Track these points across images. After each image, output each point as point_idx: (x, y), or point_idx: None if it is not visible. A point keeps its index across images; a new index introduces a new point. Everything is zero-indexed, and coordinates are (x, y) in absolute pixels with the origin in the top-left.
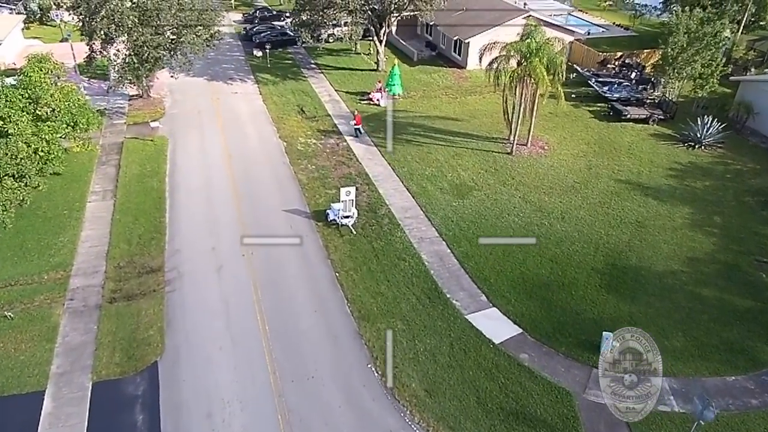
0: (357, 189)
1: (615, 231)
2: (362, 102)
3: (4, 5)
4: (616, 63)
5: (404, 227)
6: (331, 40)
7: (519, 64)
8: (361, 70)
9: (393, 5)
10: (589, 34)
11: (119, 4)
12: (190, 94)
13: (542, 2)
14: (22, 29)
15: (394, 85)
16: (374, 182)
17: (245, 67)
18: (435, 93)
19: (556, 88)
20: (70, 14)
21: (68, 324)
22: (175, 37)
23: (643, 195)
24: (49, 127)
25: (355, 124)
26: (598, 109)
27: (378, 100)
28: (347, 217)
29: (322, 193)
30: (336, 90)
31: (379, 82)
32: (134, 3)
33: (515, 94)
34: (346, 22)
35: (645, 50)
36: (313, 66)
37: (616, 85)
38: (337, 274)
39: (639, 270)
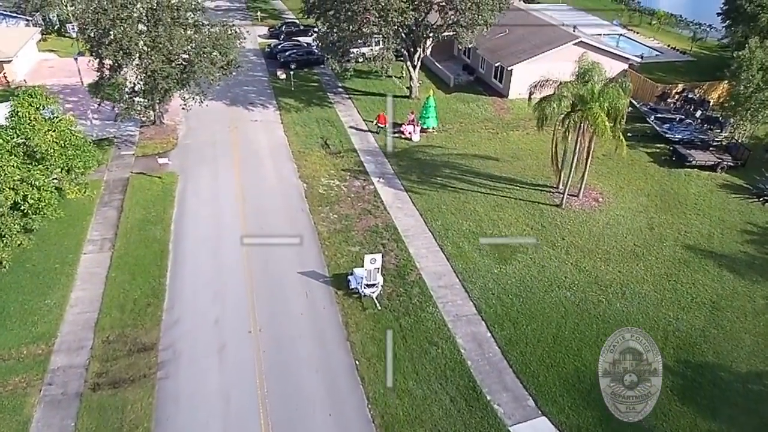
0: (384, 247)
1: (686, 314)
2: (393, 135)
3: (20, 16)
4: (678, 97)
5: (437, 300)
6: (360, 60)
7: (574, 106)
8: (393, 96)
9: (429, 29)
10: (642, 58)
11: (128, 29)
12: (207, 120)
13: (590, 19)
14: (39, 41)
15: (428, 117)
16: (403, 238)
17: (267, 90)
18: (473, 126)
19: (618, 136)
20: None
21: (42, 418)
22: (187, 65)
23: (716, 265)
24: (40, 171)
25: (379, 123)
26: (658, 151)
27: (410, 133)
28: (371, 286)
29: (344, 252)
30: (364, 120)
31: (412, 113)
32: (145, 26)
33: (568, 139)
34: (377, 41)
35: (708, 81)
36: (340, 90)
37: (677, 123)
38: (357, 363)
39: (718, 370)
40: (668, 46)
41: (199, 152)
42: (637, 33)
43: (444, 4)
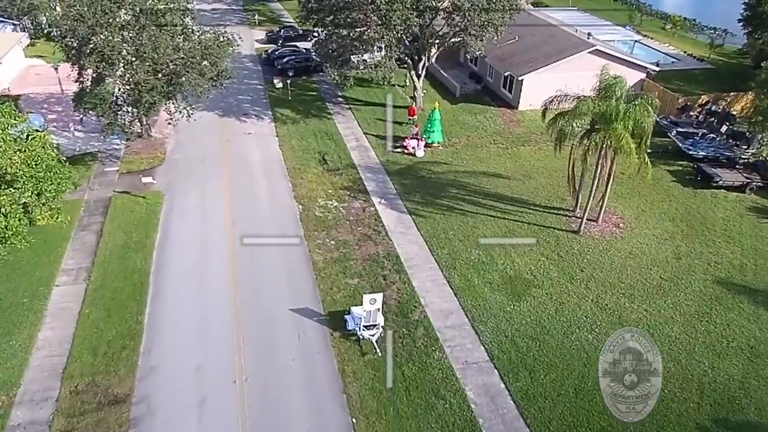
0: (385, 280)
1: (722, 362)
2: (395, 151)
3: (7, 21)
4: (700, 109)
5: (444, 343)
6: (361, 67)
7: (594, 125)
8: (395, 107)
9: (435, 36)
10: (658, 65)
11: (110, 36)
12: (197, 133)
13: (602, 24)
14: (27, 46)
15: (433, 131)
16: (407, 269)
17: (263, 99)
18: (481, 141)
19: (643, 158)
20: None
21: None
22: (173, 76)
23: (751, 303)
24: (7, 196)
25: (409, 116)
26: (680, 169)
27: (414, 148)
28: (371, 327)
29: (341, 285)
30: (365, 133)
31: (416, 126)
32: (128, 33)
33: (587, 161)
34: (380, 47)
35: (732, 93)
36: (339, 100)
37: (699, 139)
38: (353, 421)
39: (761, 430)
40: (685, 52)
41: (188, 169)
42: (651, 38)
43: (451, 10)
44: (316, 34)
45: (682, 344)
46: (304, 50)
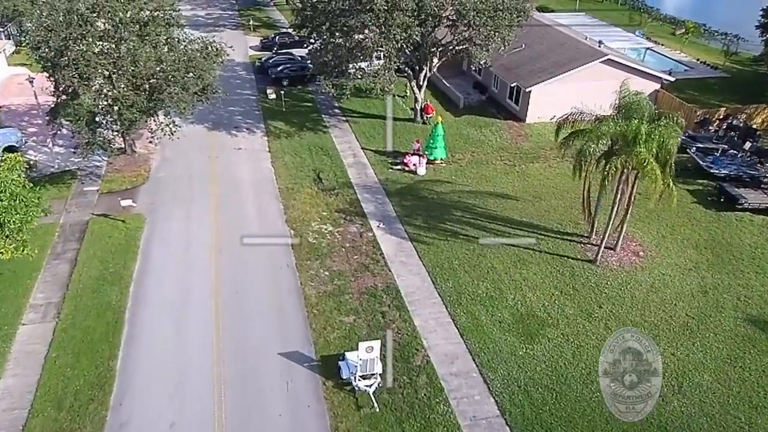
0: (383, 317)
1: (760, 416)
2: (394, 168)
3: None
4: (720, 123)
5: (449, 393)
6: (359, 76)
7: (613, 145)
8: (395, 119)
9: (437, 46)
10: (671, 74)
11: (85, 49)
12: (184, 148)
13: (611, 30)
14: (11, 54)
15: (436, 147)
16: (408, 305)
17: (255, 110)
18: (487, 157)
19: (668, 184)
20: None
21: None
22: (154, 91)
23: None
24: None
25: (426, 113)
26: (701, 188)
27: (415, 165)
28: (368, 377)
29: (336, 323)
30: (363, 148)
31: (417, 141)
32: (106, 45)
33: (607, 187)
34: (379, 55)
35: (753, 105)
36: (336, 111)
37: (720, 155)
38: None
39: None
40: (697, 59)
41: (173, 188)
42: (662, 45)
43: (455, 18)
44: (312, 40)
45: (715, 395)
46: (299, 58)
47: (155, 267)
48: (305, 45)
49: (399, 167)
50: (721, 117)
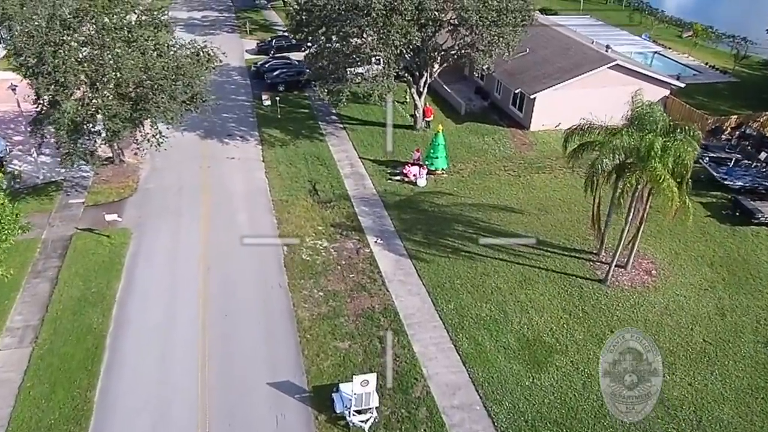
0: (381, 343)
1: None
2: (393, 179)
3: None
4: (732, 132)
5: (450, 429)
6: (358, 81)
7: (625, 159)
8: (394, 126)
9: (438, 51)
10: (679, 78)
11: (65, 56)
12: (175, 157)
13: (617, 33)
14: (2, 58)
15: (436, 157)
16: (406, 328)
17: (250, 117)
18: (490, 167)
19: (684, 200)
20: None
21: None
22: (139, 100)
23: None
24: None
25: (426, 117)
26: (714, 201)
27: (414, 176)
28: (364, 411)
29: (330, 349)
30: (360, 157)
31: (417, 150)
32: (89, 51)
33: (619, 205)
34: (378, 60)
35: (765, 113)
36: (333, 118)
37: (733, 165)
38: None
39: None
40: (706, 63)
41: (162, 200)
42: (669, 48)
43: (457, 23)
44: (308, 45)
45: (737, 431)
46: (296, 62)
47: (140, 287)
48: (302, 48)
49: (398, 178)
50: (734, 125)
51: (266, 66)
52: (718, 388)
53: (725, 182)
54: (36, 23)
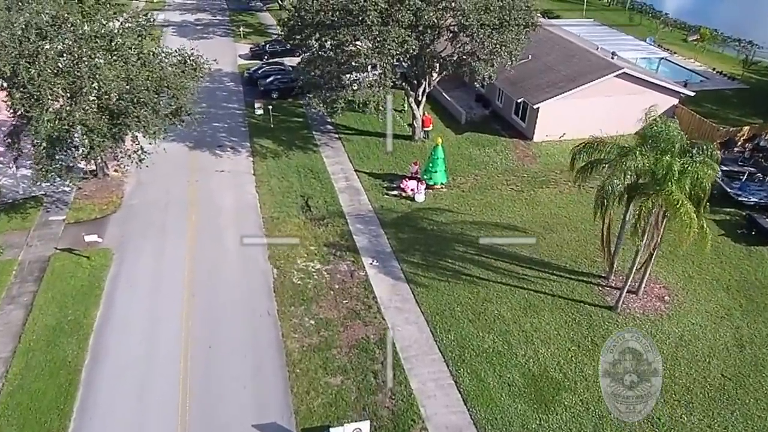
0: (375, 378)
1: None
2: (390, 194)
3: None
4: (744, 143)
5: None
6: (355, 87)
7: (638, 180)
8: (393, 136)
9: (437, 59)
10: (686, 85)
11: (42, 69)
12: (162, 170)
13: (622, 38)
14: None
15: (435, 171)
16: (403, 361)
17: (241, 127)
18: (491, 181)
19: (701, 226)
20: None
21: None
22: (120, 114)
23: None
24: None
25: (425, 126)
26: (728, 218)
27: (412, 191)
28: None
29: (321, 386)
30: (356, 170)
31: (415, 163)
32: (66, 61)
33: (637, 234)
34: (374, 65)
35: None
36: (329, 128)
37: (745, 178)
38: None
39: None
40: (713, 69)
41: (146, 218)
42: (674, 53)
43: (456, 30)
44: (302, 52)
45: None
46: (290, 68)
47: (119, 314)
48: (297, 53)
49: (395, 193)
50: (746, 137)
51: (259, 72)
52: (739, 431)
53: (739, 198)
54: (10, 32)
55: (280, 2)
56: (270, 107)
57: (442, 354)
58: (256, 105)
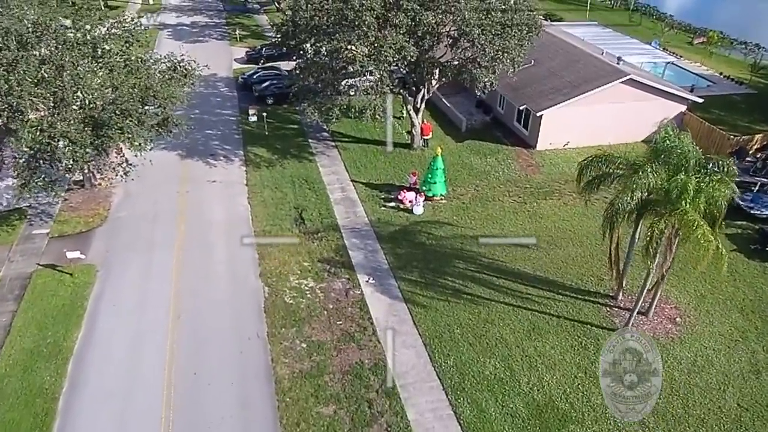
0: (370, 408)
1: None
2: (388, 206)
3: None
4: (756, 152)
5: None
6: (352, 92)
7: (649, 196)
8: (390, 144)
9: (436, 65)
10: (692, 90)
11: (20, 77)
12: (152, 180)
13: (626, 41)
14: None
15: (434, 183)
16: (399, 389)
17: (235, 134)
18: (493, 192)
19: (717, 246)
20: None
21: None
22: (103, 126)
23: None
24: None
25: (423, 135)
26: (740, 232)
27: (411, 203)
28: None
29: (312, 417)
30: (353, 180)
31: (413, 174)
32: (48, 71)
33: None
34: (371, 71)
35: None
36: (325, 135)
37: (757, 189)
38: None
39: None
40: (720, 73)
41: (133, 231)
42: (680, 57)
43: (457, 36)
44: (296, 58)
45: None
46: (286, 72)
47: (101, 337)
48: (294, 57)
49: (392, 204)
50: (759, 146)
51: (255, 77)
52: None
53: (751, 211)
54: None
55: (277, 5)
56: (265, 114)
57: (440, 381)
58: (250, 112)
